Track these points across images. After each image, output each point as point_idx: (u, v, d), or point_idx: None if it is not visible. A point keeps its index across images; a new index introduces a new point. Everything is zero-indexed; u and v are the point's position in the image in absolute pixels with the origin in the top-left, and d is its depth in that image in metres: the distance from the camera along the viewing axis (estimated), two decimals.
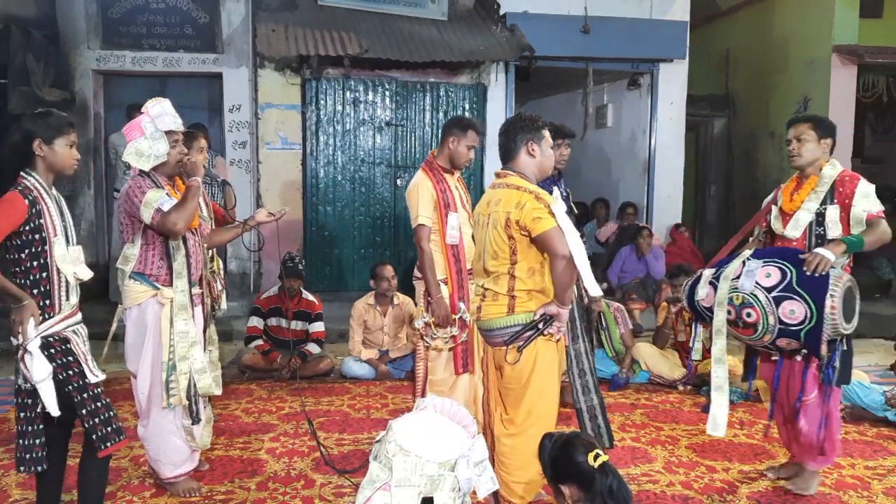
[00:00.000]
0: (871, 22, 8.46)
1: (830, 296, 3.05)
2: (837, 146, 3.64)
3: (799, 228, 3.42)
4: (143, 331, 3.31)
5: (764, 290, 3.18)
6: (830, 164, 3.46)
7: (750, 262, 3.29)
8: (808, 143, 3.43)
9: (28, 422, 2.71)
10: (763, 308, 3.17)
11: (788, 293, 3.12)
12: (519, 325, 2.94)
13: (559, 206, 2.85)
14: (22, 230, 2.66)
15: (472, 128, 4.00)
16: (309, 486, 3.58)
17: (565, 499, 2.26)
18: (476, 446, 1.90)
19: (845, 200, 3.36)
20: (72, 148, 2.81)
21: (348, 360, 5.70)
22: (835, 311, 3.05)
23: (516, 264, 2.93)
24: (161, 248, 3.30)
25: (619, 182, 9.32)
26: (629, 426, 4.51)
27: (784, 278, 3.15)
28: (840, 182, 3.39)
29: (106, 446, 2.77)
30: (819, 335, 3.10)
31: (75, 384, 2.72)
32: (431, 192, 3.92)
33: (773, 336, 3.20)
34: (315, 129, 7.60)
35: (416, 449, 1.84)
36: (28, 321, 2.60)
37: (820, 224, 3.39)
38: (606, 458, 2.23)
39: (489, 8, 8.10)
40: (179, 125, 3.31)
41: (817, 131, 3.44)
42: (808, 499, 3.48)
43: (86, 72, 7.35)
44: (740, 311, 3.24)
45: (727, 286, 3.28)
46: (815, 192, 3.41)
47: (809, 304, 3.08)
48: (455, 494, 1.84)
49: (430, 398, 2.05)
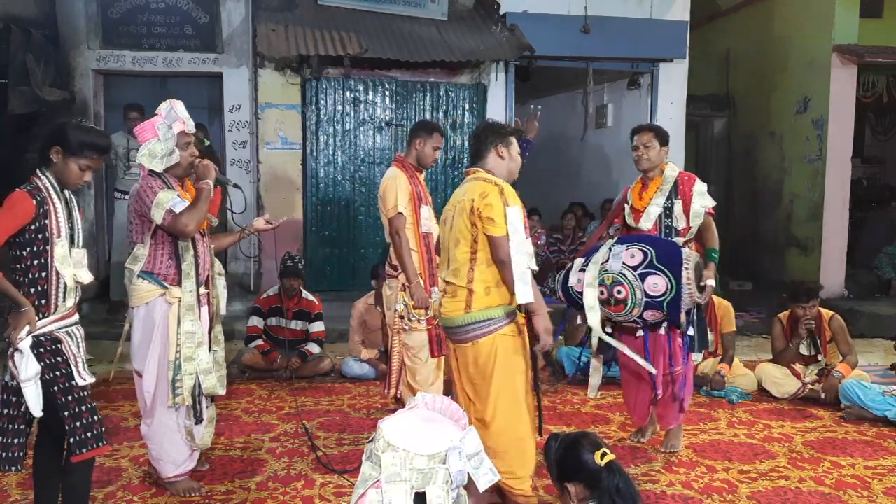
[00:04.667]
0: (871, 22, 8.46)
1: (685, 268, 3.59)
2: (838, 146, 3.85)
3: (650, 221, 3.99)
4: (150, 330, 3.32)
5: (630, 268, 3.66)
6: (669, 166, 4.05)
7: (615, 247, 3.78)
8: (652, 149, 4.00)
9: (9, 419, 2.71)
10: (631, 284, 3.64)
11: (651, 269, 3.63)
12: (477, 322, 2.98)
13: (515, 210, 2.93)
14: (27, 229, 2.67)
15: (437, 130, 4.32)
16: (309, 486, 3.58)
17: (571, 498, 2.26)
18: (468, 438, 1.89)
19: (685, 197, 3.96)
20: (85, 171, 2.79)
21: (348, 360, 5.70)
22: (690, 281, 3.59)
23: (476, 253, 3.00)
24: (171, 248, 3.31)
25: (619, 182, 9.29)
26: (629, 426, 4.51)
27: (646, 258, 3.66)
28: (680, 181, 3.99)
29: (81, 452, 2.73)
30: (678, 304, 3.61)
31: (61, 385, 2.71)
32: (407, 185, 4.17)
33: (641, 309, 3.67)
34: (315, 129, 7.60)
35: (405, 444, 1.84)
36: (22, 329, 2.61)
37: (668, 216, 3.98)
38: (613, 457, 2.24)
39: (489, 8, 8.10)
40: (192, 127, 3.33)
41: (659, 139, 4.01)
42: (807, 498, 3.49)
43: (86, 72, 7.35)
44: (612, 289, 3.69)
45: (596, 269, 3.75)
46: (661, 190, 3.99)
47: (669, 277, 3.60)
48: (448, 487, 1.83)
49: (420, 395, 2.05)
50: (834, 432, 4.46)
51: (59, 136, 2.76)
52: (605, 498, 2.18)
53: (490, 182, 3.02)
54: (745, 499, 3.49)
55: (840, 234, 8.54)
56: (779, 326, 5.24)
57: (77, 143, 2.75)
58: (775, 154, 9.47)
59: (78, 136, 2.77)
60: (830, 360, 5.06)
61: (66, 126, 2.80)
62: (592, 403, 5.03)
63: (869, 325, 7.47)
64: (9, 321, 2.61)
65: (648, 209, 4.00)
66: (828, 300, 7.25)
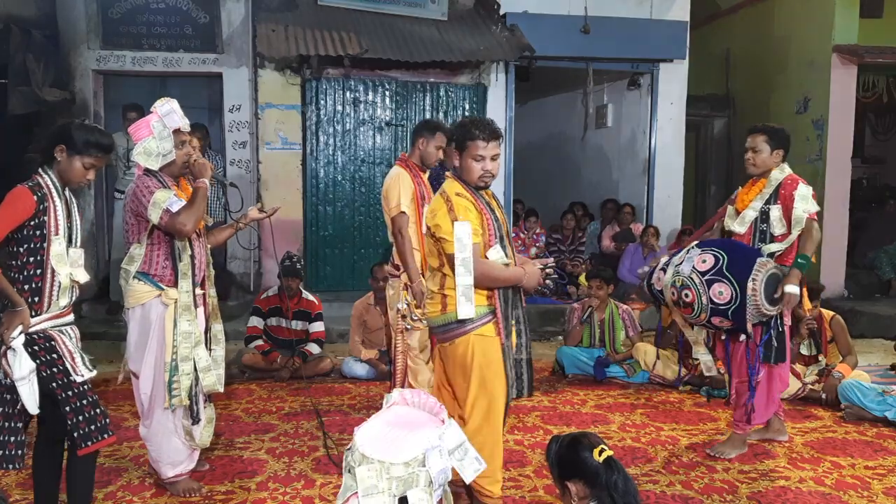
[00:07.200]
0: (871, 22, 8.45)
1: (752, 279, 3.55)
2: (838, 146, 3.84)
3: (745, 224, 3.91)
4: (146, 331, 3.32)
5: (699, 273, 3.66)
6: (780, 168, 3.89)
7: (692, 250, 3.79)
8: (761, 153, 3.87)
9: (5, 417, 2.72)
10: (697, 289, 3.65)
11: (719, 276, 3.62)
12: (452, 322, 3.00)
13: (463, 225, 2.88)
14: (26, 225, 2.69)
15: (440, 129, 4.30)
16: (309, 486, 3.58)
17: (572, 496, 2.27)
18: (448, 433, 1.87)
19: (786, 201, 3.81)
20: (89, 170, 2.83)
21: (348, 360, 5.70)
22: (756, 294, 3.54)
23: (444, 265, 3.02)
24: (167, 248, 3.30)
25: (619, 182, 9.31)
26: (629, 426, 4.51)
27: (717, 263, 3.64)
28: (783, 185, 3.84)
29: (87, 445, 2.76)
30: (744, 314, 3.57)
31: (60, 381, 2.72)
32: (410, 185, 4.17)
33: (708, 315, 3.67)
34: (315, 129, 7.60)
35: (379, 454, 1.82)
36: (15, 328, 2.61)
37: (764, 220, 3.87)
38: (611, 454, 2.25)
39: (489, 8, 8.10)
40: (187, 125, 3.33)
41: (771, 142, 3.86)
42: (807, 498, 3.49)
43: (86, 72, 7.34)
44: (680, 291, 3.72)
45: (672, 271, 3.78)
46: (762, 194, 3.89)
47: (734, 286, 3.57)
48: (430, 489, 1.82)
49: (397, 391, 2.03)
50: (834, 432, 4.46)
51: (63, 135, 2.79)
52: (604, 495, 2.19)
53: (443, 196, 3.01)
54: (745, 499, 3.49)
55: (840, 234, 8.54)
56: None
57: (82, 141, 2.79)
58: None
59: (82, 135, 2.81)
60: (830, 361, 5.06)
61: (70, 125, 2.84)
62: (592, 403, 5.03)
63: (869, 325, 7.47)
64: (2, 320, 2.62)
65: (745, 213, 3.91)
66: (828, 300, 7.25)
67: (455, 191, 3.02)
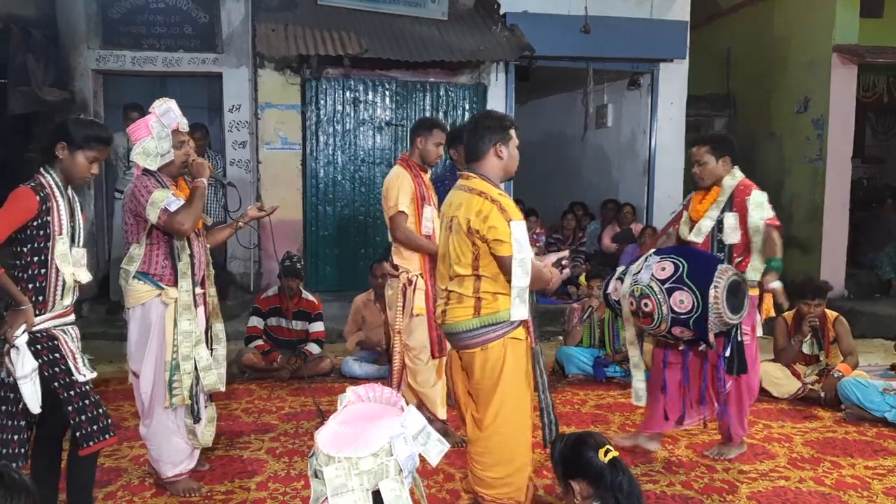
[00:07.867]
0: (871, 22, 8.44)
1: (714, 287, 3.40)
2: (838, 146, 3.82)
3: (701, 235, 3.84)
4: (146, 330, 3.32)
5: (658, 281, 3.51)
6: (731, 174, 3.84)
7: (650, 258, 3.65)
8: (707, 165, 3.83)
9: (8, 416, 2.72)
10: (657, 298, 3.49)
11: (679, 284, 3.46)
12: (486, 326, 2.93)
13: (519, 225, 2.86)
14: (29, 225, 2.69)
15: (437, 126, 4.28)
16: (309, 486, 3.56)
17: (575, 496, 2.27)
18: (409, 419, 1.84)
19: (741, 209, 3.76)
20: (92, 163, 2.84)
21: (348, 360, 5.70)
22: (718, 301, 3.40)
23: (480, 268, 2.94)
24: (166, 248, 3.31)
25: (619, 182, 9.31)
26: (629, 426, 4.51)
27: (676, 271, 3.49)
28: (736, 192, 3.80)
29: (88, 444, 2.77)
30: (706, 324, 3.43)
31: (62, 381, 2.73)
32: (410, 185, 4.12)
33: (668, 325, 3.51)
34: (315, 129, 7.60)
35: (345, 451, 1.78)
36: (19, 326, 2.61)
37: (720, 230, 3.80)
38: (617, 454, 2.25)
39: (489, 8, 8.10)
40: (185, 125, 3.33)
41: (714, 152, 3.83)
42: (807, 498, 3.49)
43: (86, 72, 7.34)
44: (640, 301, 3.56)
45: (630, 280, 3.65)
46: (717, 202, 3.82)
47: (696, 295, 3.42)
48: (401, 477, 1.79)
49: (350, 390, 1.98)
50: (834, 432, 4.45)
51: (62, 132, 2.80)
52: (608, 495, 2.19)
53: (486, 198, 2.89)
54: (745, 499, 3.49)
55: (840, 234, 8.53)
56: (782, 324, 5.24)
57: (81, 136, 2.80)
58: (775, 154, 9.46)
59: (81, 129, 2.82)
60: (831, 361, 5.06)
61: (67, 122, 2.85)
62: (592, 403, 5.03)
63: (869, 325, 7.46)
64: (6, 318, 2.62)
65: (701, 223, 3.85)
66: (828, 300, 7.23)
67: (496, 191, 2.95)
